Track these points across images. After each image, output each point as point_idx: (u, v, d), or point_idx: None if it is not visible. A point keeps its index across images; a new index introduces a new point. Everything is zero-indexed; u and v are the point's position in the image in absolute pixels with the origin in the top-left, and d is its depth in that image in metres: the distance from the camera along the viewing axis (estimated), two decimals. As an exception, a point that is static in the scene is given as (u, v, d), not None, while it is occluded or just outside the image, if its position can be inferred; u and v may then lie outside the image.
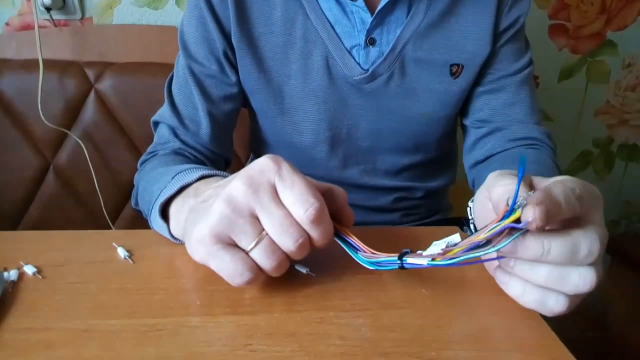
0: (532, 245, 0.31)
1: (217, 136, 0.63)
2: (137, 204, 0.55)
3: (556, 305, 0.33)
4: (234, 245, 0.33)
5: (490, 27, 0.60)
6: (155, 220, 0.43)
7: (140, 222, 0.46)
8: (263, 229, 0.32)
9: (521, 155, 0.33)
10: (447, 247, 0.32)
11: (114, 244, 0.42)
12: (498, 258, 0.34)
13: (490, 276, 0.39)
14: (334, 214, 0.35)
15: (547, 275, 0.32)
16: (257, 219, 0.32)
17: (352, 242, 0.35)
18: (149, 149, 0.61)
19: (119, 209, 1.00)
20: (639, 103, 1.29)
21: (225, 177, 0.40)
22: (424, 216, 0.76)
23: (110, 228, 0.98)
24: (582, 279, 0.32)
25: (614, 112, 1.29)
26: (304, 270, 0.39)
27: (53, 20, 0.97)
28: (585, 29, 1.18)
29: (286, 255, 0.33)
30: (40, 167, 0.97)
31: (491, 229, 0.31)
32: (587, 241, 0.31)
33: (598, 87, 1.25)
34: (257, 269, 0.33)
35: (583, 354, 0.34)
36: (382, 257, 0.34)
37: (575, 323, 0.36)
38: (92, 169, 0.94)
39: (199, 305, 0.35)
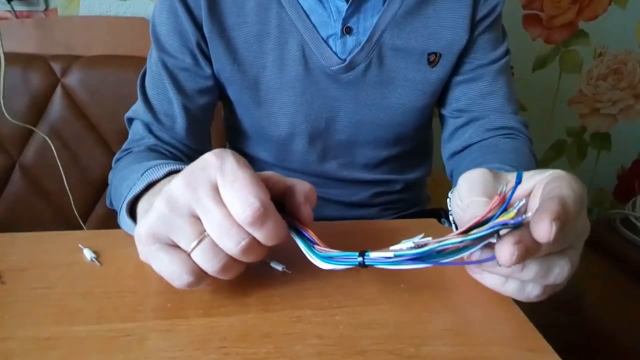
0: (535, 246, 0.29)
1: (193, 131, 0.61)
2: (111, 203, 0.54)
3: (532, 292, 0.33)
4: (174, 245, 0.31)
5: (468, 15, 0.60)
6: (124, 219, 0.41)
7: (113, 221, 0.45)
8: (205, 230, 0.30)
9: (518, 171, 0.32)
10: (416, 244, 0.30)
11: (79, 245, 0.40)
12: (482, 261, 0.32)
13: (469, 268, 0.38)
14: (294, 211, 0.33)
15: (536, 273, 0.31)
16: (198, 218, 0.30)
17: (307, 236, 0.33)
18: (123, 147, 0.60)
19: (90, 208, 0.97)
20: (609, 92, 1.31)
21: None
22: (402, 209, 0.76)
23: (82, 228, 0.95)
24: (561, 271, 0.32)
25: (586, 101, 1.31)
26: (279, 268, 0.38)
27: (14, 11, 0.92)
28: (558, 19, 1.19)
29: (233, 258, 0.31)
30: (5, 165, 0.93)
31: (483, 232, 0.29)
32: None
33: (571, 76, 1.27)
34: (199, 271, 0.31)
35: (557, 341, 0.34)
36: (340, 252, 0.31)
37: (550, 309, 0.36)
38: (60, 166, 0.90)
39: (170, 308, 0.34)
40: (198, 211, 0.30)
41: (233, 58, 0.59)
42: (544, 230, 0.28)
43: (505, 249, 0.28)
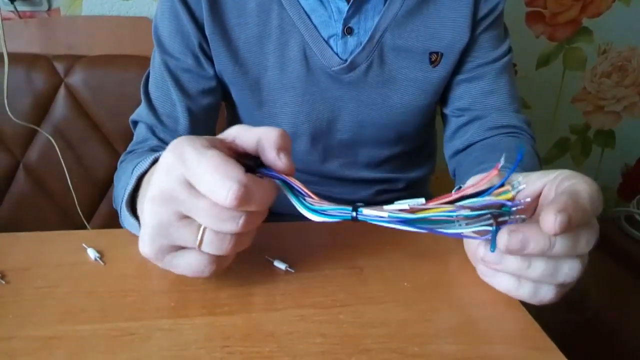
0: (541, 240, 0.30)
1: (196, 132, 0.61)
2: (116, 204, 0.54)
3: (547, 295, 0.33)
4: (183, 247, 0.32)
5: (469, 14, 0.60)
6: (127, 219, 0.41)
7: (117, 220, 0.45)
8: (201, 224, 0.30)
9: (519, 145, 0.33)
10: (411, 208, 0.29)
11: (83, 244, 0.40)
12: (479, 237, 0.33)
13: (472, 267, 0.38)
14: (272, 166, 0.32)
15: (543, 270, 0.32)
16: (189, 217, 0.31)
17: (296, 187, 0.32)
18: (128, 149, 0.60)
19: (94, 208, 0.97)
20: (614, 89, 1.30)
21: None
22: (405, 207, 0.75)
23: (86, 227, 0.95)
24: (571, 271, 0.32)
25: (590, 98, 1.31)
26: (282, 267, 0.38)
27: (18, 11, 0.93)
28: (561, 16, 1.19)
29: (241, 233, 0.31)
30: (10, 166, 0.93)
31: (479, 204, 0.29)
32: (587, 234, 0.32)
33: (575, 74, 1.26)
34: (217, 258, 0.32)
35: (562, 339, 0.34)
36: (332, 205, 0.31)
37: (555, 308, 0.36)
38: (64, 166, 0.90)
39: (174, 307, 0.34)
40: (185, 211, 0.30)
41: (234, 59, 0.59)
42: (549, 221, 0.28)
43: (503, 235, 0.30)
